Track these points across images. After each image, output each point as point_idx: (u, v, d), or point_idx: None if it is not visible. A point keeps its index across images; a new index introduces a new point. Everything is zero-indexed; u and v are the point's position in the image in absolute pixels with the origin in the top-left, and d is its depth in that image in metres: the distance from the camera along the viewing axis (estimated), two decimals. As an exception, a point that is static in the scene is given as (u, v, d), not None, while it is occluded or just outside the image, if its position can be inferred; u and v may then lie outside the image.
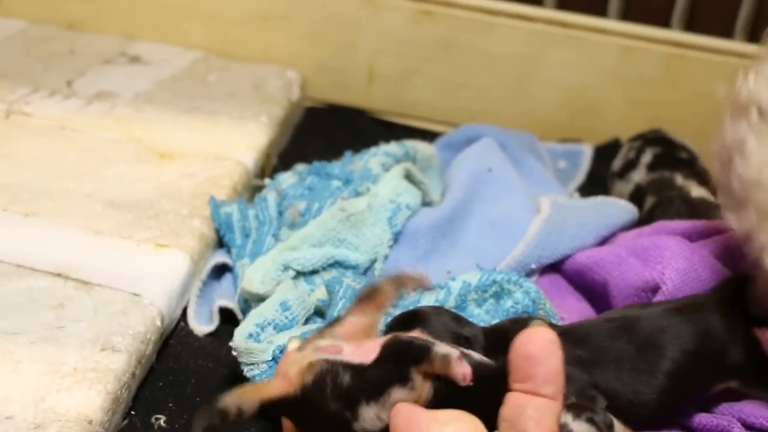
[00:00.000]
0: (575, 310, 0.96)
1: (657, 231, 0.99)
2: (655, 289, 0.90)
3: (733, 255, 0.89)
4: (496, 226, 1.03)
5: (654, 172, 1.16)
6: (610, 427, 0.68)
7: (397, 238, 1.01)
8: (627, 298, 0.92)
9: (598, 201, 1.11)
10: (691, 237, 0.97)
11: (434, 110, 1.38)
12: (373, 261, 0.98)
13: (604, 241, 1.04)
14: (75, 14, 1.40)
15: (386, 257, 1.00)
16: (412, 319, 0.75)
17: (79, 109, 1.21)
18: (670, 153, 1.19)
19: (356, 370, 0.65)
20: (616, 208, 1.08)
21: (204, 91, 1.28)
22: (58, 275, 0.92)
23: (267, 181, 1.11)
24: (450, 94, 1.37)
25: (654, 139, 1.22)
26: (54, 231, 0.98)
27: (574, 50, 1.31)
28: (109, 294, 0.91)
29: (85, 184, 1.06)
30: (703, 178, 1.14)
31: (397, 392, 0.65)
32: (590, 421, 0.66)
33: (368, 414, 0.65)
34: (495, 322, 0.85)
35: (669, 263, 0.91)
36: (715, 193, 1.11)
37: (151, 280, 0.93)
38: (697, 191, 1.12)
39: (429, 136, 1.29)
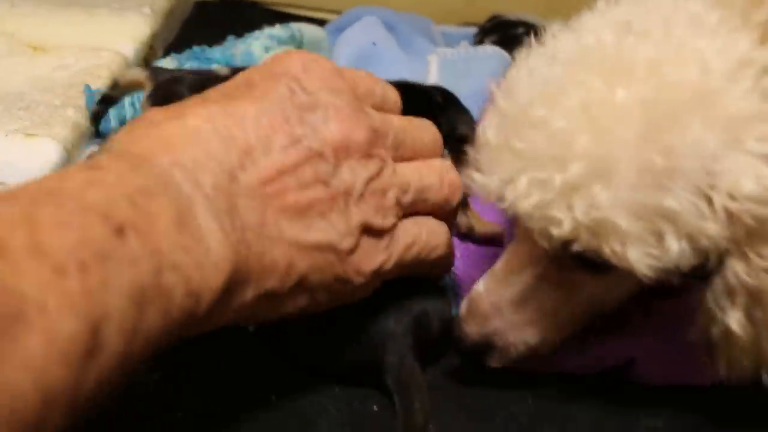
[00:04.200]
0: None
1: None
2: None
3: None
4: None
5: None
6: None
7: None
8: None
9: (489, 52, 1.09)
10: None
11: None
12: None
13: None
14: None
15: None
16: None
17: (-54, 3, 1.15)
18: (506, 36, 1.18)
19: None
20: (500, 59, 1.07)
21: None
22: None
23: (145, 68, 1.06)
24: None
25: (490, 28, 1.21)
26: None
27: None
28: (-24, 185, 0.87)
29: (-49, 78, 1.01)
30: None
31: None
32: None
33: None
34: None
35: None
36: None
37: (19, 169, 0.89)
38: None
39: (324, 25, 1.25)
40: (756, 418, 0.72)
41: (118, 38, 1.11)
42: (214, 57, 1.04)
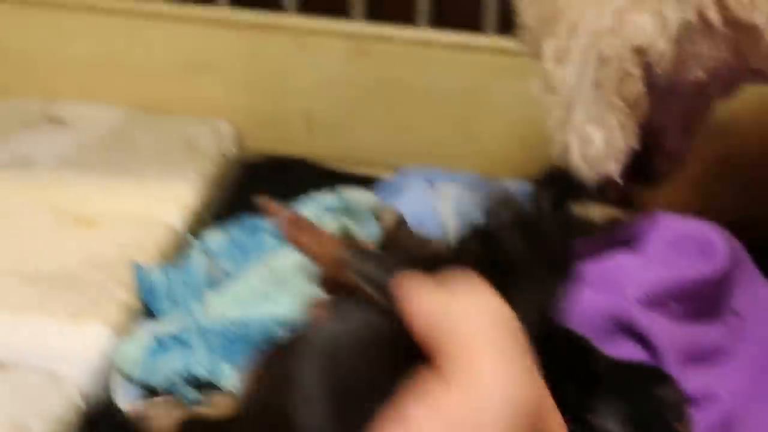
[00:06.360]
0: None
1: None
2: None
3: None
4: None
5: None
6: None
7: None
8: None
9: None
10: None
11: (379, 154, 1.31)
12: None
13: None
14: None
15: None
16: None
17: (-3, 176, 1.14)
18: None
19: None
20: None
21: (130, 151, 1.21)
22: (-32, 358, 0.85)
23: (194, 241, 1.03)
24: (393, 136, 1.31)
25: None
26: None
27: (521, 79, 1.25)
28: (25, 374, 0.85)
29: (-1, 257, 0.99)
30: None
31: None
32: None
33: None
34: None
35: None
36: None
37: (70, 356, 0.87)
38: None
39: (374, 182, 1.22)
40: None
41: (166, 209, 1.09)
42: (264, 227, 1.01)
